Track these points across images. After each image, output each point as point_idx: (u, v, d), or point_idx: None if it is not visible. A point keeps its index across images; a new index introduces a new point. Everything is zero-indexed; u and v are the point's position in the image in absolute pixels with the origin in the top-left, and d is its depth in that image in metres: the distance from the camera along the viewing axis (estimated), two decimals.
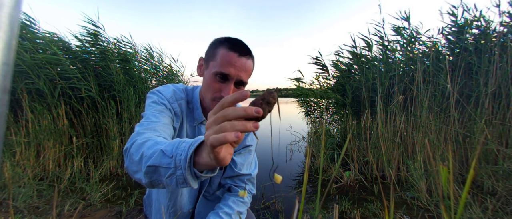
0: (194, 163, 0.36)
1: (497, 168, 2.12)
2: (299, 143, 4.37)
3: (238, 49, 0.60)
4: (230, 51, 0.59)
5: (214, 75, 0.60)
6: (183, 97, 0.70)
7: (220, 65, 0.59)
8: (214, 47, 0.62)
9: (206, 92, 0.64)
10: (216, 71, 0.59)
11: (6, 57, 0.20)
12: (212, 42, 0.64)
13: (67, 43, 2.86)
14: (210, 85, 0.61)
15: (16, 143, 2.48)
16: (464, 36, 2.56)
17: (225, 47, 0.60)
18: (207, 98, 0.64)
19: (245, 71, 0.61)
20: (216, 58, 0.60)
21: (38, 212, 1.84)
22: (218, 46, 0.61)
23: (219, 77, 0.60)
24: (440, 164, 0.30)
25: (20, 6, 0.21)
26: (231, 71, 0.59)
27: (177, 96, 0.68)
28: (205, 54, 0.65)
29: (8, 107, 0.22)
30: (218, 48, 0.60)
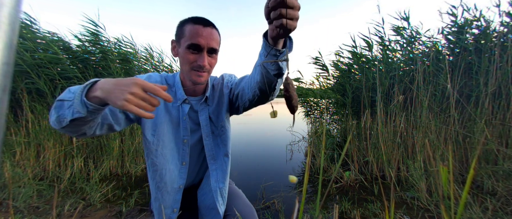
0: (88, 97, 0.47)
1: (497, 168, 2.12)
2: (299, 143, 4.37)
3: (202, 22, 0.66)
4: (195, 24, 0.66)
5: (187, 49, 0.66)
6: (159, 81, 0.75)
7: (190, 38, 0.65)
8: (181, 26, 0.68)
9: (183, 66, 0.69)
10: (188, 44, 0.65)
11: (6, 57, 0.20)
12: (178, 24, 0.70)
13: (67, 43, 2.86)
14: (186, 58, 0.67)
15: (16, 143, 2.48)
16: (464, 36, 2.56)
17: (190, 23, 0.66)
18: (186, 70, 0.69)
19: (212, 39, 0.67)
20: (185, 34, 0.66)
21: (38, 212, 1.84)
22: (184, 24, 0.67)
23: (192, 49, 0.66)
24: (440, 164, 0.30)
25: (20, 6, 0.21)
26: (200, 41, 0.65)
27: (151, 81, 0.73)
28: (175, 36, 0.70)
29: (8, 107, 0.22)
30: (185, 26, 0.67)
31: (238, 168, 3.05)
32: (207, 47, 0.67)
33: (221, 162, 0.80)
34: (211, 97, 0.79)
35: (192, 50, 0.66)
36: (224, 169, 0.80)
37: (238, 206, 0.83)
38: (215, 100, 0.79)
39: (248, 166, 3.17)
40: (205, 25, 0.66)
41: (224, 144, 0.80)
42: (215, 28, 0.69)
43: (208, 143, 0.77)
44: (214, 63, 0.72)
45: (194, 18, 0.67)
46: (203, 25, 0.66)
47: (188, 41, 0.65)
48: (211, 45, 0.67)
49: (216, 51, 0.70)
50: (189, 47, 0.66)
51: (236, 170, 2.96)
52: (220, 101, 0.80)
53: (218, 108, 0.79)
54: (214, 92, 0.80)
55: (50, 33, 2.77)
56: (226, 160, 0.81)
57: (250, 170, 3.01)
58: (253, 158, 3.56)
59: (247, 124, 7.36)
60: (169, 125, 0.73)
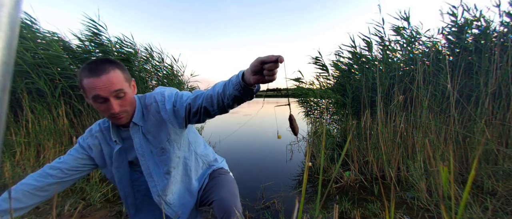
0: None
1: (497, 168, 2.12)
2: (299, 143, 4.37)
3: (94, 73, 0.65)
4: (89, 78, 0.65)
5: (93, 101, 0.68)
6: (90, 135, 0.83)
7: (90, 92, 0.67)
8: (80, 79, 0.68)
9: (102, 113, 0.72)
10: (92, 96, 0.67)
11: (6, 57, 0.20)
12: (77, 75, 0.70)
13: (68, 42, 2.86)
14: (98, 109, 0.70)
15: (16, 143, 2.48)
16: (464, 36, 2.55)
17: (84, 76, 0.66)
18: (106, 115, 0.72)
19: (112, 84, 0.67)
20: (85, 88, 0.67)
21: (38, 212, 1.84)
22: (81, 78, 0.67)
23: (97, 100, 0.68)
24: (440, 164, 0.30)
25: (20, 6, 0.21)
26: (100, 93, 0.66)
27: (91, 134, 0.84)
28: (80, 85, 0.71)
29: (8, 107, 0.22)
30: (82, 80, 0.67)
31: (238, 168, 3.05)
32: (110, 95, 0.67)
33: (160, 178, 0.83)
34: (142, 119, 0.79)
35: (98, 101, 0.68)
36: (165, 183, 0.84)
37: (221, 193, 0.86)
38: (150, 122, 0.79)
39: (248, 166, 3.17)
40: (99, 75, 0.65)
41: (164, 163, 0.82)
42: (112, 69, 0.68)
43: (144, 163, 0.81)
44: (128, 100, 0.73)
45: (86, 69, 0.67)
46: (97, 76, 0.65)
47: (91, 94, 0.67)
48: (113, 89, 0.67)
49: (122, 90, 0.70)
50: (94, 100, 0.68)
51: (236, 170, 2.96)
52: (158, 123, 0.79)
53: (156, 130, 0.79)
54: (148, 113, 0.80)
55: (50, 33, 2.77)
56: (167, 176, 0.84)
57: (250, 170, 3.01)
58: (253, 158, 3.56)
59: (247, 124, 7.36)
60: (116, 169, 0.82)
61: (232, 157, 3.60)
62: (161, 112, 0.78)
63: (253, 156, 3.65)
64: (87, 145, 0.80)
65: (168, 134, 0.80)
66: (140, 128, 0.78)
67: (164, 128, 0.79)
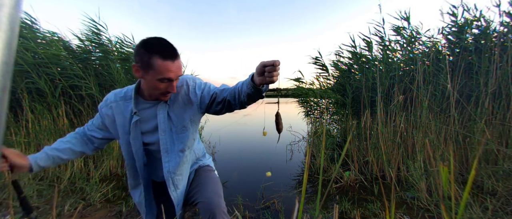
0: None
1: (497, 168, 2.12)
2: (299, 143, 4.37)
3: (170, 56, 0.72)
4: (165, 60, 0.71)
5: (158, 81, 0.73)
6: (112, 99, 0.87)
7: (160, 73, 0.72)
8: (148, 55, 0.71)
9: (152, 90, 0.78)
10: (160, 78, 0.73)
11: (6, 57, 0.20)
12: (142, 50, 0.72)
13: (68, 42, 2.86)
14: (156, 87, 0.75)
15: (16, 143, 2.48)
16: (464, 36, 2.55)
17: (159, 57, 0.71)
18: (155, 93, 0.79)
19: (180, 69, 0.76)
20: (155, 68, 0.71)
21: (38, 212, 1.84)
22: (152, 56, 0.71)
23: (163, 81, 0.74)
24: (440, 164, 0.30)
25: (20, 6, 0.21)
26: (171, 76, 0.74)
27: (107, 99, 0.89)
28: (139, 62, 0.74)
29: (8, 107, 0.22)
30: (153, 58, 0.71)
31: (238, 168, 3.05)
32: (176, 78, 0.76)
33: (175, 155, 0.88)
34: (172, 100, 0.86)
35: (164, 81, 0.74)
36: (178, 161, 0.88)
37: (207, 194, 0.88)
38: (177, 102, 0.86)
39: (248, 166, 3.17)
40: (174, 60, 0.73)
41: (181, 141, 0.88)
42: (179, 55, 0.77)
43: (163, 138, 0.85)
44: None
45: (162, 52, 0.71)
46: (172, 60, 0.73)
47: (159, 76, 0.72)
48: (179, 74, 0.77)
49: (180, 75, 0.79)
50: (161, 80, 0.73)
51: (236, 170, 2.96)
52: (184, 104, 0.86)
53: (180, 109, 0.86)
54: (176, 95, 0.86)
55: (50, 33, 2.77)
56: (180, 154, 0.89)
57: (250, 170, 3.01)
58: (253, 158, 3.56)
59: (247, 124, 7.36)
60: (125, 136, 0.86)
61: (232, 157, 3.60)
62: (191, 95, 0.86)
63: (253, 156, 3.65)
64: (102, 113, 0.87)
65: (192, 115, 0.88)
66: (166, 106, 0.84)
67: (189, 109, 0.87)
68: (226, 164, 3.26)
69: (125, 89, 0.89)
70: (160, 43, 0.72)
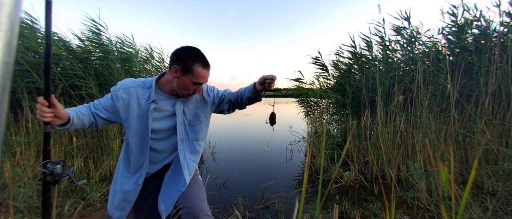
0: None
1: (497, 168, 2.12)
2: (299, 143, 4.37)
3: (207, 66, 0.91)
4: (204, 69, 0.89)
5: (192, 83, 0.89)
6: (131, 86, 0.94)
7: (197, 78, 0.88)
8: (191, 62, 0.87)
9: (182, 89, 0.91)
10: (195, 81, 0.89)
11: (6, 57, 0.20)
12: (186, 55, 0.88)
13: (68, 42, 2.86)
14: (187, 87, 0.90)
15: (16, 143, 2.48)
16: (464, 36, 2.55)
17: (200, 65, 0.88)
18: (183, 92, 0.92)
19: (208, 76, 0.94)
20: (194, 73, 0.87)
21: (38, 212, 1.84)
22: (194, 63, 0.87)
23: (196, 84, 0.90)
24: (440, 164, 0.30)
25: (20, 6, 0.21)
26: (203, 81, 0.92)
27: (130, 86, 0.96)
28: (180, 64, 0.87)
29: (8, 107, 0.22)
30: (195, 65, 0.87)
31: (238, 168, 3.05)
32: (204, 83, 0.93)
33: (189, 144, 1.02)
34: (192, 97, 1.01)
35: (196, 84, 0.90)
36: (192, 149, 1.02)
37: (189, 199, 0.96)
38: (190, 100, 1.01)
39: (248, 166, 3.17)
40: (208, 69, 0.92)
41: (194, 132, 1.02)
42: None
43: (179, 129, 0.98)
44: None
45: (203, 61, 0.89)
46: (208, 70, 0.92)
47: (195, 79, 0.88)
48: (207, 80, 0.95)
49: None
50: (195, 83, 0.89)
51: (236, 170, 2.96)
52: (197, 102, 1.03)
53: (193, 106, 1.02)
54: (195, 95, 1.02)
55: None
56: (194, 143, 1.03)
57: (250, 170, 3.01)
58: (253, 158, 3.56)
59: (247, 124, 7.36)
60: (140, 120, 0.93)
61: (232, 157, 3.60)
62: (204, 95, 1.04)
63: (253, 156, 3.65)
64: (116, 96, 0.93)
65: (205, 112, 1.05)
66: (182, 103, 0.98)
67: (202, 107, 1.04)
68: (226, 164, 3.26)
69: (143, 79, 0.98)
70: (201, 54, 0.90)
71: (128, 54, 3.04)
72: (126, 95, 0.92)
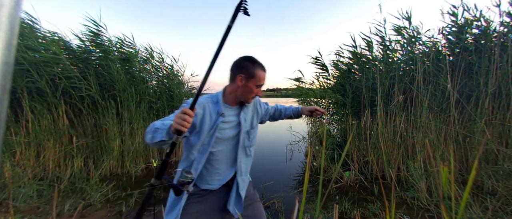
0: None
1: (497, 168, 2.12)
2: (299, 143, 4.37)
3: (264, 69, 1.01)
4: (264, 71, 1.00)
5: (255, 86, 0.99)
6: (202, 102, 1.01)
7: (259, 81, 0.99)
8: (253, 69, 0.97)
9: (246, 93, 1.00)
10: (258, 84, 0.99)
11: (6, 57, 0.20)
12: (247, 64, 0.97)
13: (68, 42, 2.86)
14: (252, 91, 1.00)
15: (16, 143, 2.48)
16: (464, 36, 2.55)
17: (260, 69, 0.99)
18: (247, 97, 1.01)
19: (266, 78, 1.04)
20: (256, 77, 0.98)
21: (38, 212, 1.84)
22: (256, 69, 0.97)
23: (258, 87, 1.00)
24: (440, 164, 0.30)
25: (20, 6, 0.21)
26: (264, 82, 1.02)
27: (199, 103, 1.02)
28: (244, 72, 0.97)
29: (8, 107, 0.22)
30: (256, 70, 0.97)
31: None
32: (263, 84, 1.04)
33: (245, 149, 1.13)
34: (247, 107, 1.12)
35: (258, 86, 1.00)
36: (248, 153, 1.15)
37: (256, 211, 1.12)
38: (248, 110, 1.12)
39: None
40: (265, 71, 1.01)
41: (249, 139, 1.13)
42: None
43: (242, 136, 1.08)
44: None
45: (260, 66, 0.99)
46: (265, 72, 1.01)
47: (258, 82, 0.99)
48: (265, 82, 1.04)
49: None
50: (258, 85, 0.99)
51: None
52: (252, 111, 1.14)
53: (250, 115, 1.13)
54: (248, 104, 1.11)
55: (51, 33, 2.77)
56: (249, 149, 1.15)
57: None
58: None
59: None
60: (209, 131, 1.01)
61: None
62: (257, 106, 1.17)
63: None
64: (196, 112, 0.98)
65: (256, 120, 1.16)
66: (243, 113, 1.08)
67: (255, 116, 1.15)
68: None
69: (209, 95, 1.08)
70: (257, 59, 1.01)
71: (128, 54, 3.04)
72: (201, 110, 0.99)
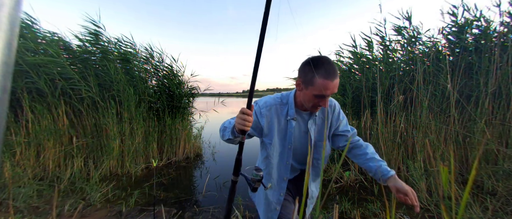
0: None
1: (497, 168, 2.12)
2: None
3: (331, 76, 0.78)
4: (326, 79, 0.78)
5: (314, 96, 0.82)
6: (272, 103, 0.97)
7: (318, 90, 0.79)
8: (312, 73, 0.79)
9: (306, 102, 0.87)
10: (316, 94, 0.81)
11: (6, 57, 0.20)
12: (306, 67, 0.82)
13: (68, 43, 2.86)
14: (310, 100, 0.84)
15: (16, 143, 2.48)
16: (464, 36, 2.55)
17: (322, 76, 0.78)
18: (308, 105, 0.87)
19: (335, 87, 0.81)
20: (314, 85, 0.79)
21: (38, 212, 1.84)
22: (315, 74, 0.79)
23: (318, 97, 0.82)
24: (440, 164, 0.30)
25: (20, 6, 0.21)
26: (327, 93, 0.80)
27: (266, 104, 0.97)
28: (302, 76, 0.84)
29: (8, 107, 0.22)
30: (316, 76, 0.78)
31: None
32: (329, 95, 0.82)
33: (314, 161, 1.03)
34: (319, 116, 0.99)
35: (318, 97, 0.82)
36: (316, 166, 1.04)
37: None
38: (322, 118, 0.99)
39: (248, 166, 3.17)
40: (332, 80, 0.79)
41: (318, 151, 1.00)
42: (337, 76, 0.82)
43: (309, 146, 0.97)
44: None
45: (324, 71, 0.78)
46: (331, 80, 0.78)
47: (316, 92, 0.80)
48: (334, 92, 0.82)
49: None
50: (317, 95, 0.81)
51: None
52: (326, 123, 0.98)
53: (323, 125, 0.98)
54: (321, 114, 0.99)
55: (50, 33, 2.77)
56: (319, 162, 1.03)
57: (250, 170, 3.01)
58: (253, 158, 3.55)
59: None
60: (280, 135, 0.96)
61: (232, 157, 3.60)
62: (334, 117, 1.00)
63: (253, 156, 3.65)
64: (260, 113, 0.95)
65: (329, 133, 1.01)
66: (314, 120, 0.97)
67: (329, 128, 1.00)
68: (226, 164, 3.26)
69: (279, 95, 1.00)
70: (324, 63, 0.79)
71: (127, 54, 3.04)
72: (268, 112, 0.95)
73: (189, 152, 3.54)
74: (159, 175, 2.74)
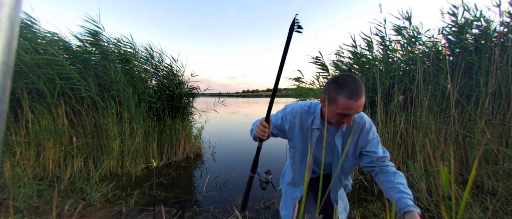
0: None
1: (497, 168, 2.12)
2: None
3: (355, 96, 0.75)
4: (349, 99, 0.75)
5: (337, 114, 0.81)
6: (299, 111, 1.00)
7: (341, 109, 0.78)
8: (336, 91, 0.78)
9: (330, 118, 0.85)
10: (339, 113, 0.80)
11: (6, 57, 0.20)
12: (332, 85, 0.80)
13: (68, 43, 2.86)
14: (334, 117, 0.83)
15: (16, 143, 2.48)
16: (464, 36, 2.55)
17: (345, 96, 0.76)
18: (333, 121, 0.85)
19: (360, 107, 0.78)
20: (338, 104, 0.78)
21: (38, 212, 1.84)
22: (339, 93, 0.77)
23: (341, 115, 0.80)
24: (440, 164, 0.30)
25: (20, 6, 0.21)
26: (351, 113, 0.78)
27: (293, 112, 1.01)
28: (326, 94, 0.82)
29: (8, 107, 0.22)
30: (340, 95, 0.77)
31: (238, 168, 3.05)
32: (354, 114, 0.80)
33: (339, 177, 1.05)
34: (346, 133, 0.96)
35: (341, 115, 0.80)
36: (342, 181, 1.09)
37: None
38: (348, 134, 0.95)
39: (249, 166, 3.16)
40: (357, 100, 0.76)
41: (343, 166, 1.01)
42: (363, 95, 0.78)
43: (335, 160, 1.00)
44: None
45: (347, 90, 0.76)
46: (355, 100, 0.75)
47: (340, 111, 0.79)
48: (358, 111, 0.79)
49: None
50: (340, 114, 0.80)
51: (236, 170, 2.96)
52: (354, 138, 0.95)
53: (347, 142, 0.94)
54: (349, 130, 0.95)
55: (50, 33, 2.77)
56: (342, 177, 1.06)
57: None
58: (253, 158, 3.56)
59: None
60: (302, 141, 1.01)
61: (232, 157, 3.60)
62: (363, 136, 0.94)
63: (253, 156, 3.65)
64: (285, 118, 1.02)
65: (356, 152, 0.98)
66: (341, 135, 0.95)
67: (355, 144, 0.96)
68: (226, 164, 3.26)
69: (308, 103, 1.01)
70: (349, 83, 0.77)
71: (127, 54, 3.04)
72: (293, 119, 1.00)
73: (189, 152, 3.55)
74: (159, 175, 2.74)
